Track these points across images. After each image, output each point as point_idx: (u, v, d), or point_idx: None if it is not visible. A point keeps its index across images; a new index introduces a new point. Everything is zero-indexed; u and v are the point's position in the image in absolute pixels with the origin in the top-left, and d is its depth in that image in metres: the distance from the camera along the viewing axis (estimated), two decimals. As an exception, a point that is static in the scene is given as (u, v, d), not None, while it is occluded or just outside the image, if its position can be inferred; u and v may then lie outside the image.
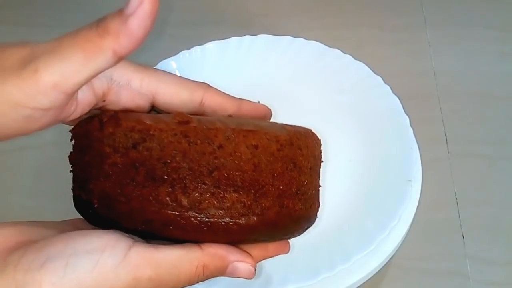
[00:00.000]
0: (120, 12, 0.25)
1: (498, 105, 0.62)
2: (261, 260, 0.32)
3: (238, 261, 0.28)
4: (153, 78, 0.30)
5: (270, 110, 0.36)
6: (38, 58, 0.24)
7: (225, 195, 0.27)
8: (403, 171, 0.45)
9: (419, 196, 0.45)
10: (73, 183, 0.29)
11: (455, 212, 0.54)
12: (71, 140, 0.29)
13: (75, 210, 0.53)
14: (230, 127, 0.27)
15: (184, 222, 0.26)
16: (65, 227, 0.29)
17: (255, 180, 0.27)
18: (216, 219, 0.27)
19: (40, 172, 0.57)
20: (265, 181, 0.27)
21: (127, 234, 0.27)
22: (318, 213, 0.33)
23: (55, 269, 0.24)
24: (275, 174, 0.28)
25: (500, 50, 0.66)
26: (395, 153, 0.46)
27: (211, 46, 0.52)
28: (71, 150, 0.29)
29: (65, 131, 0.31)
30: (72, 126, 0.30)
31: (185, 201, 0.26)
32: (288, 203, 0.28)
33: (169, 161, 0.26)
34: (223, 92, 0.33)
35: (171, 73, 0.32)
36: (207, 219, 0.26)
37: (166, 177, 0.26)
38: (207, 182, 0.26)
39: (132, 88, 0.30)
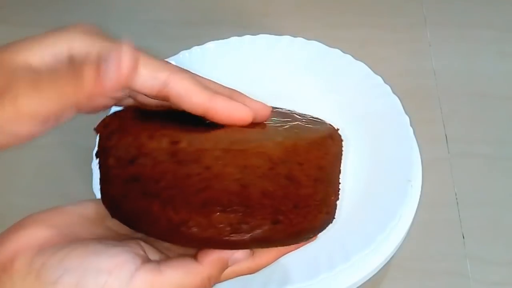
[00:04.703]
0: (98, 65, 0.26)
1: (498, 105, 0.62)
2: (283, 254, 0.32)
3: (233, 253, 0.29)
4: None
5: (250, 113, 0.31)
6: (18, 87, 0.27)
7: (212, 215, 0.27)
8: (403, 171, 0.45)
9: (419, 196, 0.45)
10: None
11: (455, 212, 0.54)
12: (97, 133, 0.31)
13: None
14: (219, 147, 0.28)
15: (176, 236, 0.27)
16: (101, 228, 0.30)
17: (243, 200, 0.27)
18: (205, 236, 0.27)
19: (40, 172, 0.57)
20: (254, 201, 0.27)
21: (140, 251, 0.28)
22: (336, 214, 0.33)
23: (67, 287, 0.26)
24: (266, 193, 0.28)
25: (500, 50, 0.66)
26: (395, 153, 0.46)
27: (211, 46, 0.52)
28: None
29: (66, 131, 0.31)
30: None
31: (175, 218, 0.27)
32: (284, 219, 0.28)
33: (159, 179, 0.27)
34: (196, 81, 0.30)
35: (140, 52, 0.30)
36: (198, 235, 0.27)
37: (157, 194, 0.27)
38: (194, 201, 0.27)
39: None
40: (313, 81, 0.51)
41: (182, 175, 0.27)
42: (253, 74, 0.51)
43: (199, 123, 0.31)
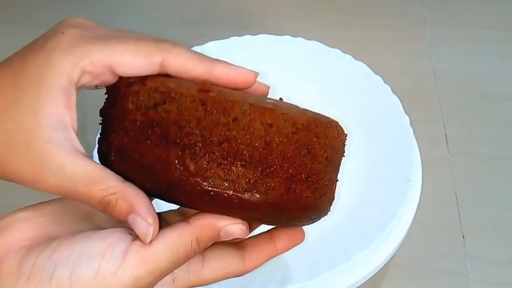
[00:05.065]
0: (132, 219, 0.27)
1: (498, 105, 0.61)
2: (272, 258, 0.32)
3: (228, 224, 0.29)
4: (103, 55, 0.29)
5: (254, 76, 0.32)
6: None
7: (232, 167, 0.27)
8: (403, 171, 0.45)
9: (419, 196, 0.45)
10: (99, 134, 0.30)
11: (455, 212, 0.54)
12: (105, 93, 0.30)
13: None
14: (249, 101, 0.28)
15: (188, 187, 0.27)
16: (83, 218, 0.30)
17: (264, 158, 0.27)
18: (219, 190, 0.27)
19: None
20: (274, 161, 0.28)
21: (126, 230, 0.28)
22: (331, 207, 0.33)
23: (61, 281, 0.25)
24: (286, 156, 0.28)
25: (500, 50, 0.66)
26: (395, 153, 0.46)
27: (211, 46, 0.52)
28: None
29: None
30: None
31: (192, 167, 0.27)
32: (296, 187, 0.28)
33: (183, 125, 0.27)
34: (191, 53, 0.30)
35: (129, 38, 0.30)
36: (210, 188, 0.27)
37: (178, 140, 0.27)
38: (216, 152, 0.27)
39: (88, 71, 0.29)
40: (313, 81, 0.51)
41: (208, 123, 0.27)
42: (253, 74, 0.51)
43: None
